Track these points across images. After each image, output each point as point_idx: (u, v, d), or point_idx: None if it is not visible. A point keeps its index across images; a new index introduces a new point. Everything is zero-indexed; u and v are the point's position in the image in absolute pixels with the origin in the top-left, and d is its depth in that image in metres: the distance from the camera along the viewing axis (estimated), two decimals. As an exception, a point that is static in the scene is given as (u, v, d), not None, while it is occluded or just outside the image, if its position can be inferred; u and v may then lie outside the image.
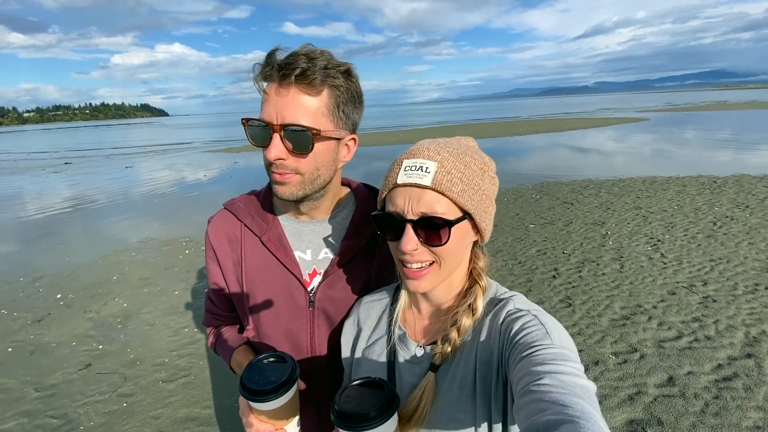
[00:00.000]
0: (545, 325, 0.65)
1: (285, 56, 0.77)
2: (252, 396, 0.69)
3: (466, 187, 0.69)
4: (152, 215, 8.47)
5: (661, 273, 4.37)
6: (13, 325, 4.12)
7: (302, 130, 0.78)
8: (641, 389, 2.69)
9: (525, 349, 0.61)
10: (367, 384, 0.67)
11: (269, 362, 0.74)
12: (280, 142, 0.79)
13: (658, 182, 8.58)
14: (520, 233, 5.92)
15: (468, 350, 0.72)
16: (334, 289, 0.93)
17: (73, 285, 5.02)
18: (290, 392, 0.72)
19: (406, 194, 0.69)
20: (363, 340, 0.86)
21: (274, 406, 0.71)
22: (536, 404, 0.51)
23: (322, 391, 0.97)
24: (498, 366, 0.69)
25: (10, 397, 3.03)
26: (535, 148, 16.04)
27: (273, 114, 0.78)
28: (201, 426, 2.66)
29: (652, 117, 29.91)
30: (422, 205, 0.67)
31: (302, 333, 0.94)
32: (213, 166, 15.70)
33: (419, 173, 0.68)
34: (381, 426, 0.61)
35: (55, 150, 29.89)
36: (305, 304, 0.93)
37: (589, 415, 0.47)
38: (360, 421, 0.60)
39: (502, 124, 30.25)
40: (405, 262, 0.71)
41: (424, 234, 0.68)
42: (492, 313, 0.73)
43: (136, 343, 3.68)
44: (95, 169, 16.83)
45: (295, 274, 0.92)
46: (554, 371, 0.55)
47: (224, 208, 0.99)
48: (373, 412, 0.60)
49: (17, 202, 10.61)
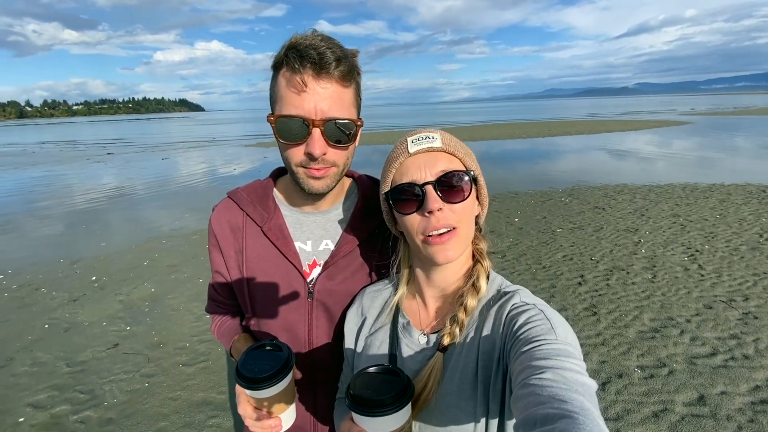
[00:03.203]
0: (550, 320, 0.64)
1: (313, 48, 0.74)
2: (247, 383, 0.69)
3: (467, 153, 0.76)
4: (183, 205, 8.80)
5: (698, 285, 4.11)
6: (51, 303, 4.38)
7: (346, 123, 0.79)
8: (668, 406, 2.54)
9: (528, 342, 0.60)
10: (382, 371, 0.67)
11: (265, 350, 0.74)
12: (321, 137, 0.78)
13: (699, 189, 8.10)
14: (546, 237, 5.73)
15: (471, 340, 0.73)
16: (333, 281, 0.92)
17: (107, 268, 5.28)
18: (285, 381, 0.72)
19: (419, 161, 0.73)
20: (366, 329, 0.86)
21: (269, 394, 0.71)
22: (535, 397, 0.50)
23: (319, 381, 0.96)
24: (499, 357, 0.68)
25: (43, 371, 3.22)
26: (568, 151, 15.51)
27: (311, 108, 0.76)
28: (215, 410, 2.73)
29: (696, 120, 28.27)
30: (439, 165, 0.72)
31: (301, 323, 0.94)
32: (244, 161, 16.13)
33: (428, 140, 0.74)
34: (396, 413, 0.61)
35: (99, 141, 31.62)
36: (304, 295, 0.93)
37: (588, 411, 0.46)
38: (375, 407, 0.61)
39: (534, 124, 29.44)
40: (429, 230, 0.71)
41: (445, 193, 0.71)
42: (497, 305, 0.73)
43: (160, 327, 3.82)
44: (134, 160, 17.67)
45: (294, 265, 0.92)
46: (556, 366, 0.54)
47: (228, 197, 0.99)
48: (389, 399, 0.61)
49: (63, 190, 11.30)
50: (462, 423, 0.71)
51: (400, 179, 0.74)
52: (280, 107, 0.79)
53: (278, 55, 0.78)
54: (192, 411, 2.73)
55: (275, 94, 0.80)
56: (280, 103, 0.79)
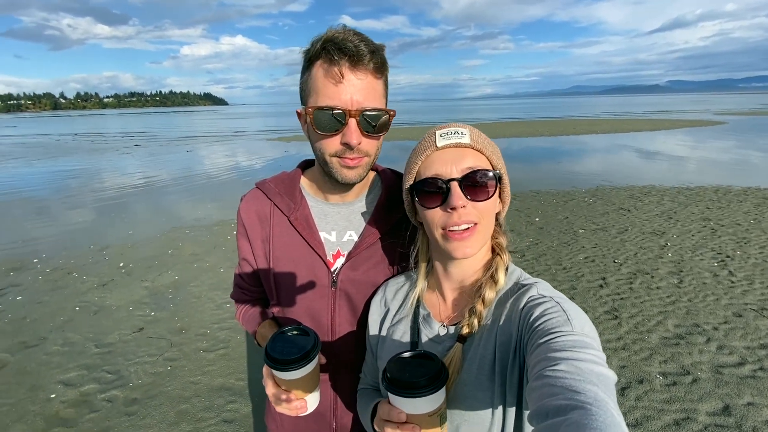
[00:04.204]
0: (567, 312, 0.63)
1: (350, 41, 0.77)
2: (276, 365, 0.72)
3: (494, 151, 0.76)
4: (206, 197, 9.02)
5: (727, 292, 3.95)
6: (82, 287, 4.58)
7: (379, 113, 0.82)
8: (690, 415, 2.46)
9: (544, 335, 0.60)
10: (416, 356, 0.69)
11: (293, 334, 0.77)
12: (357, 127, 0.80)
13: (732, 193, 7.75)
14: (568, 238, 5.61)
15: (489, 331, 0.74)
16: (356, 271, 0.94)
17: (134, 256, 5.48)
18: (312, 364, 0.74)
19: (447, 156, 0.73)
20: (389, 320, 0.88)
21: (296, 376, 0.73)
22: (549, 388, 0.50)
23: (341, 368, 0.98)
24: (516, 350, 0.69)
25: (74, 350, 3.38)
26: (592, 150, 15.09)
27: (348, 99, 0.79)
28: (234, 396, 2.81)
29: (730, 120, 26.99)
30: (466, 162, 0.72)
31: (324, 311, 0.96)
32: (265, 154, 16.39)
33: (457, 135, 0.73)
34: (432, 395, 0.63)
35: (127, 133, 32.69)
36: (328, 284, 0.95)
37: (602, 402, 0.46)
38: (414, 388, 0.63)
39: (558, 122, 28.76)
40: (450, 226, 0.72)
41: (470, 191, 0.72)
42: (514, 297, 0.73)
43: (183, 313, 3.95)
44: (160, 152, 18.20)
45: (319, 254, 0.94)
46: (571, 358, 0.53)
47: (256, 187, 1.02)
48: (425, 380, 0.63)
49: (94, 179, 11.77)
50: (479, 412, 0.72)
51: (426, 172, 0.75)
52: (316, 99, 0.80)
53: (313, 48, 0.79)
54: (212, 395, 2.81)
55: (310, 87, 0.82)
56: (316, 94, 0.81)
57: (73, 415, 2.66)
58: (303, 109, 0.85)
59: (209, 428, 2.52)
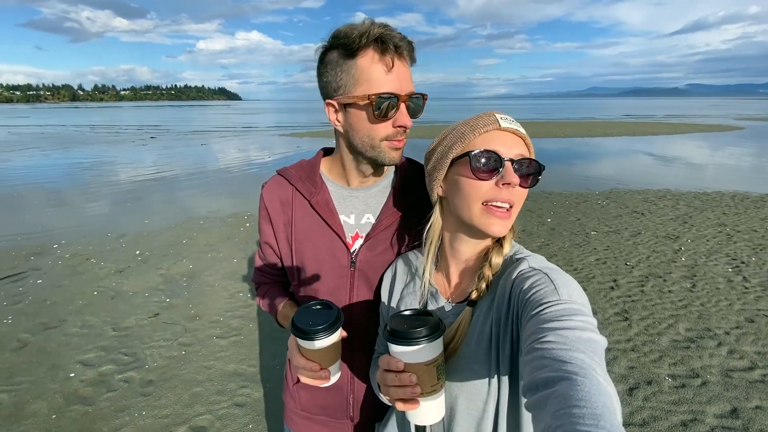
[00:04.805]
0: (554, 282, 0.65)
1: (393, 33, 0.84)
2: (303, 335, 0.76)
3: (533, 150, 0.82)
4: (220, 189, 9.16)
5: (740, 298, 3.91)
6: (100, 273, 4.71)
7: (421, 97, 0.91)
8: (698, 417, 2.46)
9: (534, 307, 0.62)
10: (416, 313, 0.75)
11: (317, 309, 0.82)
12: (406, 110, 0.88)
13: (750, 199, 7.61)
14: (580, 239, 5.58)
15: (486, 308, 0.77)
16: (374, 252, 0.99)
17: (149, 244, 5.62)
18: (335, 335, 0.78)
19: (506, 137, 0.77)
20: (397, 292, 0.93)
21: (321, 346, 0.77)
22: (538, 361, 0.51)
23: (357, 344, 1.02)
24: (510, 325, 0.71)
25: (92, 333, 3.50)
26: (607, 152, 14.90)
27: (398, 85, 0.86)
28: (245, 381, 2.88)
29: (749, 126, 26.34)
30: (519, 149, 0.77)
31: (342, 290, 1.01)
32: (278, 149, 16.53)
33: (516, 123, 0.78)
34: (429, 344, 0.68)
35: (143, 125, 33.22)
36: (347, 264, 1.00)
37: (587, 370, 0.47)
38: (410, 337, 0.67)
39: (573, 123, 28.41)
40: (496, 200, 0.75)
41: (518, 175, 0.75)
42: (506, 273, 0.76)
43: (197, 301, 4.05)
44: (175, 145, 18.49)
45: (339, 236, 0.99)
46: (559, 327, 0.55)
47: (277, 174, 1.07)
48: (421, 330, 0.68)
49: (112, 170, 12.02)
50: (476, 383, 0.75)
51: (484, 146, 0.75)
52: (369, 87, 0.84)
53: (354, 41, 0.82)
54: (224, 380, 2.89)
55: (356, 77, 0.85)
56: (368, 83, 0.84)
57: (91, 394, 2.76)
58: (349, 98, 0.86)
59: (222, 410, 2.60)
